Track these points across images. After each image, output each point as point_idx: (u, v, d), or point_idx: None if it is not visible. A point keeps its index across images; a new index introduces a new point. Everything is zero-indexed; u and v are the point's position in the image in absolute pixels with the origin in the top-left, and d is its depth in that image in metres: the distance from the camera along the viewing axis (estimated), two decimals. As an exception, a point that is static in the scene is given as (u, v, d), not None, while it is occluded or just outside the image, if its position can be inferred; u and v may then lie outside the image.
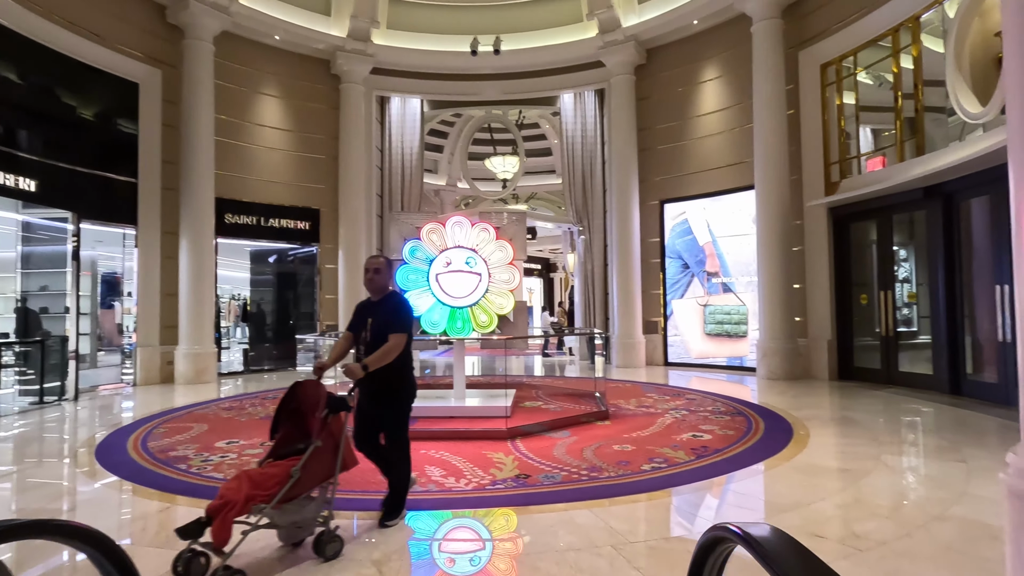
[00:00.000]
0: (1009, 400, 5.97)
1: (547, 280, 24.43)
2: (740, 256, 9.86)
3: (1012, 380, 5.97)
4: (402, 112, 12.53)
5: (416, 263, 6.21)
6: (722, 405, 6.35)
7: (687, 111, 10.62)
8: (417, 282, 6.19)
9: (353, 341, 3.29)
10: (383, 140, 12.52)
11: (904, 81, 7.46)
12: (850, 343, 8.39)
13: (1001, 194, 6.20)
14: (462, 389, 6.37)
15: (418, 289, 6.18)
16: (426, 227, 6.30)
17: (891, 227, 7.80)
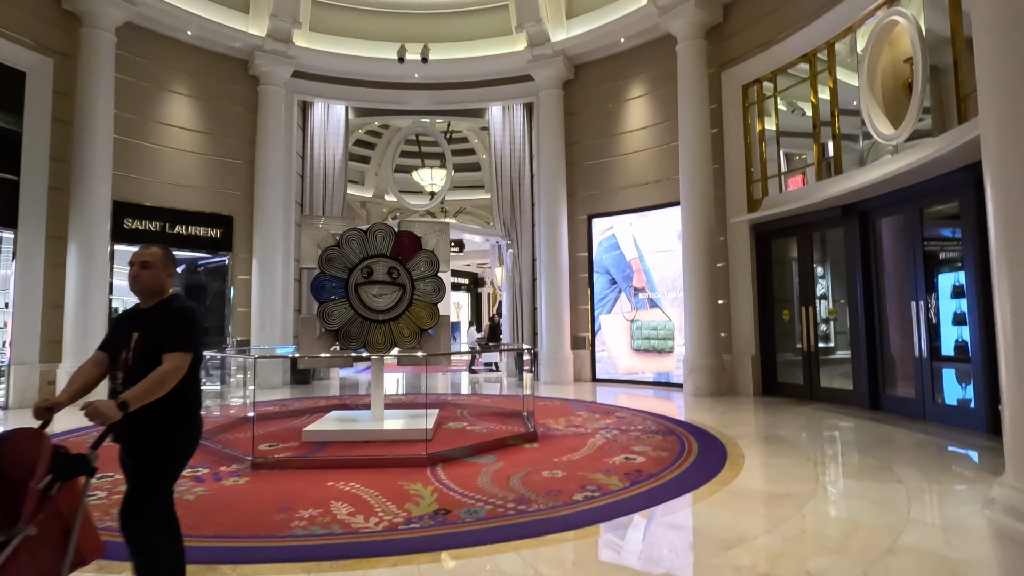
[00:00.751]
0: (925, 415, 6.17)
1: (475, 294, 24.03)
2: (666, 272, 9.92)
3: (928, 395, 6.19)
4: (325, 118, 11.84)
5: (335, 272, 5.64)
6: (653, 424, 6.17)
7: (615, 127, 10.67)
8: (336, 293, 5.62)
9: (107, 366, 2.21)
10: (305, 146, 11.76)
11: (821, 102, 7.75)
12: (773, 359, 8.56)
13: (912, 212, 6.49)
14: (380, 410, 5.83)
15: (336, 301, 5.61)
16: (346, 234, 5.76)
17: (811, 244, 8.05)
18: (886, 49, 6.72)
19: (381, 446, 4.97)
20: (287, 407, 7.74)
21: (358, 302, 5.69)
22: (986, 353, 5.44)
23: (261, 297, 10.44)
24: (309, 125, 11.77)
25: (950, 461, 4.52)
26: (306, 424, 5.94)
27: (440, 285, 6.05)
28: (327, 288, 5.62)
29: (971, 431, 5.50)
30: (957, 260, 6.35)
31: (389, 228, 5.97)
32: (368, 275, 5.77)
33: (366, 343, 5.69)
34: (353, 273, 5.71)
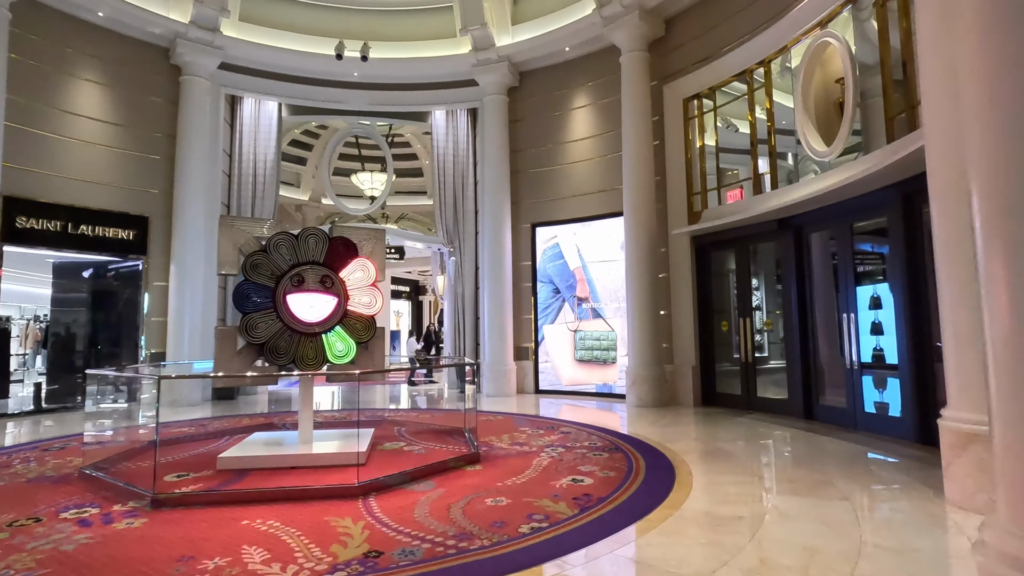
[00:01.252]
0: (856, 424, 6.34)
1: (416, 303, 23.46)
2: (609, 282, 9.90)
3: (859, 405, 6.36)
4: (256, 115, 11.12)
5: (260, 280, 5.14)
6: (598, 439, 6.01)
7: (560, 136, 10.60)
8: (261, 303, 5.12)
9: None
10: (233, 144, 11.00)
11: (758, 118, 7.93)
12: (712, 369, 8.65)
13: (843, 227, 6.68)
14: (309, 431, 5.35)
15: (261, 312, 5.11)
16: (274, 238, 5.27)
17: (748, 256, 8.21)
18: (819, 69, 6.94)
19: (308, 474, 4.52)
20: (204, 428, 7.06)
21: (287, 313, 5.22)
22: (914, 364, 5.63)
23: (179, 306, 9.60)
24: (238, 121, 11.03)
25: (887, 474, 4.58)
26: (224, 448, 5.39)
27: (377, 295, 5.67)
28: (251, 297, 5.11)
29: (900, 440, 5.67)
30: (877, 273, 6.61)
31: (322, 233, 5.54)
32: (299, 283, 5.31)
33: (296, 358, 5.22)
34: (282, 281, 5.24)
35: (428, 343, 15.03)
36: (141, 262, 9.62)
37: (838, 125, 6.54)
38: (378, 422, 7.18)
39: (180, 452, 5.53)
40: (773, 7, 7.50)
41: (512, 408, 8.68)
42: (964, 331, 3.86)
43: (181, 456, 5.34)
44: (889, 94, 5.89)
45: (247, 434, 6.17)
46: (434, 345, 15.09)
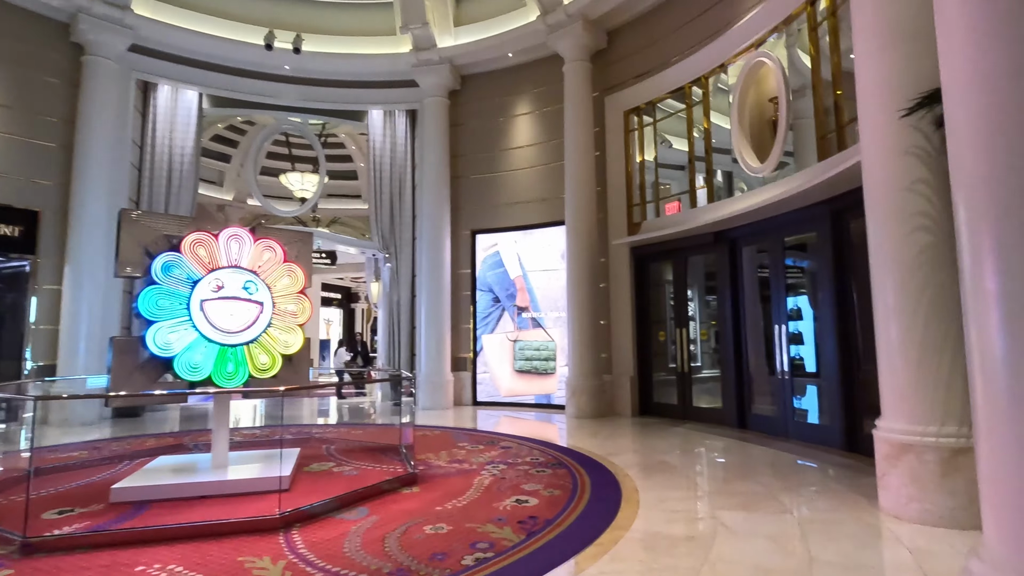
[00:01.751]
0: (787, 433, 6.50)
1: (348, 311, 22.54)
2: (549, 291, 9.80)
3: (789, 414, 6.51)
4: (173, 104, 10.22)
5: (172, 284, 4.56)
6: (540, 454, 5.81)
7: (502, 142, 10.43)
8: (172, 310, 4.54)
9: None
10: (145, 134, 10.04)
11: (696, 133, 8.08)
12: (650, 379, 8.70)
13: (776, 241, 6.88)
14: (224, 454, 4.81)
15: (172, 320, 4.53)
16: (190, 237, 4.71)
17: (685, 268, 8.33)
18: (754, 88, 7.15)
19: (221, 504, 4.01)
20: (99, 452, 6.25)
21: (204, 322, 4.67)
22: (842, 374, 5.82)
23: (73, 312, 8.58)
24: (151, 110, 10.09)
25: (822, 484, 4.65)
26: (121, 476, 4.74)
27: (305, 303, 5.22)
28: (160, 304, 4.53)
29: (828, 448, 5.84)
30: (805, 286, 6.86)
31: (246, 234, 5.03)
32: (218, 289, 4.77)
33: (213, 373, 4.67)
34: (199, 286, 4.69)
35: (357, 353, 14.26)
36: (28, 262, 8.53)
37: (771, 142, 6.74)
38: (304, 440, 6.65)
39: (66, 482, 4.81)
40: (711, 26, 7.69)
41: (450, 422, 8.35)
42: (897, 343, 3.95)
43: (67, 487, 4.63)
44: (820, 114, 6.11)
45: (152, 458, 5.50)
46: (363, 356, 14.32)
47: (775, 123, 6.74)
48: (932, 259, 3.84)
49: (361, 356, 13.94)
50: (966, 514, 3.58)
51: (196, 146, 10.35)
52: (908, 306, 3.90)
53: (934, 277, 3.83)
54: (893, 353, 3.99)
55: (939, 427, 3.75)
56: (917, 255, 3.89)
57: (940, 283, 3.83)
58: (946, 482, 3.66)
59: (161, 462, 5.03)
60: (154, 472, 4.63)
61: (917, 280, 3.88)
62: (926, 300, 3.85)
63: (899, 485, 3.83)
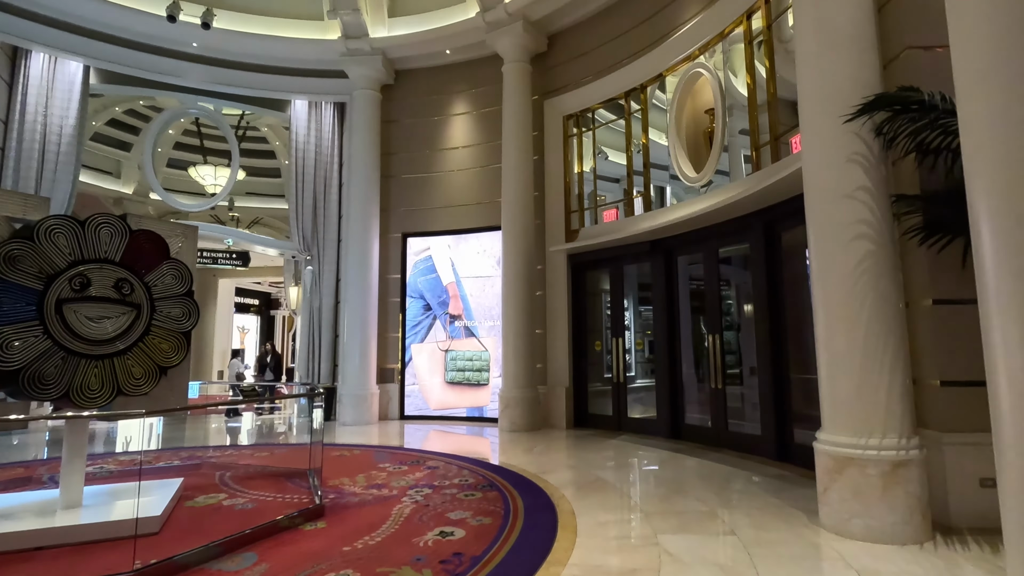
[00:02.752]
0: (720, 442, 6.37)
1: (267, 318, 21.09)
2: (484, 299, 9.36)
3: (721, 425, 6.38)
4: (50, 76, 8.97)
5: (20, 278, 3.72)
6: (470, 474, 5.32)
7: (437, 142, 9.94)
8: (16, 311, 3.70)
9: None
10: (10, 108, 8.72)
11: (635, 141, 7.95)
12: (585, 390, 8.43)
13: (709, 251, 6.78)
14: (78, 490, 3.97)
15: (18, 323, 3.68)
16: (47, 223, 3.89)
17: (622, 276, 8.14)
18: (690, 99, 7.09)
19: (67, 555, 3.24)
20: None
21: (60, 327, 3.85)
22: (774, 384, 5.73)
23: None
24: (20, 80, 8.79)
25: (761, 498, 4.46)
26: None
27: (192, 308, 4.50)
28: (2, 304, 3.68)
29: (761, 458, 5.74)
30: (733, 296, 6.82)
31: (120, 223, 4.25)
32: (82, 287, 3.97)
33: (72, 390, 3.84)
34: (56, 283, 3.87)
35: (265, 367, 12.76)
36: None
37: (708, 153, 6.67)
38: (195, 467, 5.80)
39: None
40: (650, 36, 7.59)
41: (373, 439, 7.68)
42: (838, 353, 3.81)
43: None
44: (755, 125, 6.07)
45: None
46: (273, 369, 12.91)
47: (711, 134, 6.67)
48: (873, 267, 3.74)
49: (271, 370, 12.63)
50: (907, 528, 3.48)
51: (79, 126, 9.12)
52: (849, 315, 3.77)
53: (876, 285, 3.73)
54: (834, 363, 3.85)
55: (880, 439, 3.63)
56: (858, 263, 3.78)
57: (881, 292, 3.73)
58: (887, 496, 3.54)
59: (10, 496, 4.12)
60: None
61: (859, 288, 3.76)
62: (867, 309, 3.73)
63: (840, 500, 3.67)
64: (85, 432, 4.09)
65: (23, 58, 8.80)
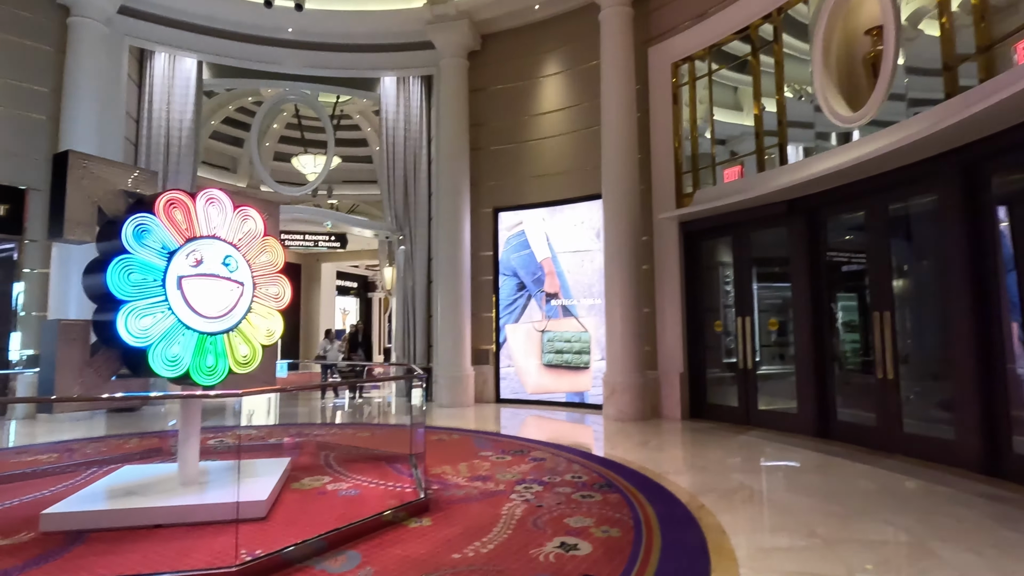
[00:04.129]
0: (891, 446, 5.25)
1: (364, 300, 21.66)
2: (582, 275, 8.65)
3: (894, 423, 5.27)
4: (170, 74, 9.35)
5: (146, 254, 3.55)
6: (582, 469, 4.70)
7: (527, 107, 9.28)
8: (145, 288, 3.51)
9: None
10: (141, 107, 9.19)
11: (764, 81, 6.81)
12: (703, 377, 7.51)
13: (875, 208, 5.60)
14: (193, 466, 3.84)
15: (145, 301, 3.50)
16: (165, 197, 3.70)
17: (749, 245, 7.08)
18: (843, 19, 5.84)
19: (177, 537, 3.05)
20: (71, 455, 5.35)
21: (183, 304, 3.67)
22: (979, 376, 4.51)
23: (62, 296, 7.77)
24: (147, 80, 9.22)
25: (988, 529, 3.38)
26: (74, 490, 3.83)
27: (285, 286, 4.26)
28: (132, 280, 3.50)
29: (959, 469, 4.53)
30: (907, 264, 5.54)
31: (226, 198, 4.03)
32: (197, 263, 3.78)
33: (192, 368, 3.69)
34: (176, 258, 3.68)
35: (354, 346, 12.16)
36: (14, 244, 7.72)
37: (867, 86, 5.47)
38: (302, 445, 5.66)
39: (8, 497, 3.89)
40: (781, -46, 6.41)
41: (470, 422, 7.29)
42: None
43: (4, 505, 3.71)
44: (949, 38, 4.80)
45: (125, 464, 4.61)
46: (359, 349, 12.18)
47: (874, 61, 5.45)
48: None
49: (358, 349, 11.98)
50: None
51: (195, 119, 9.44)
52: None
53: None
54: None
55: None
56: None
57: None
58: None
59: (121, 475, 4.07)
60: (103, 490, 3.67)
61: None
62: None
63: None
64: (199, 411, 3.94)
65: (148, 59, 9.21)
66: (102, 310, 3.56)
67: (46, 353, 3.41)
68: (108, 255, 3.52)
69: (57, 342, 3.40)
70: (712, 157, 7.44)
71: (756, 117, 6.84)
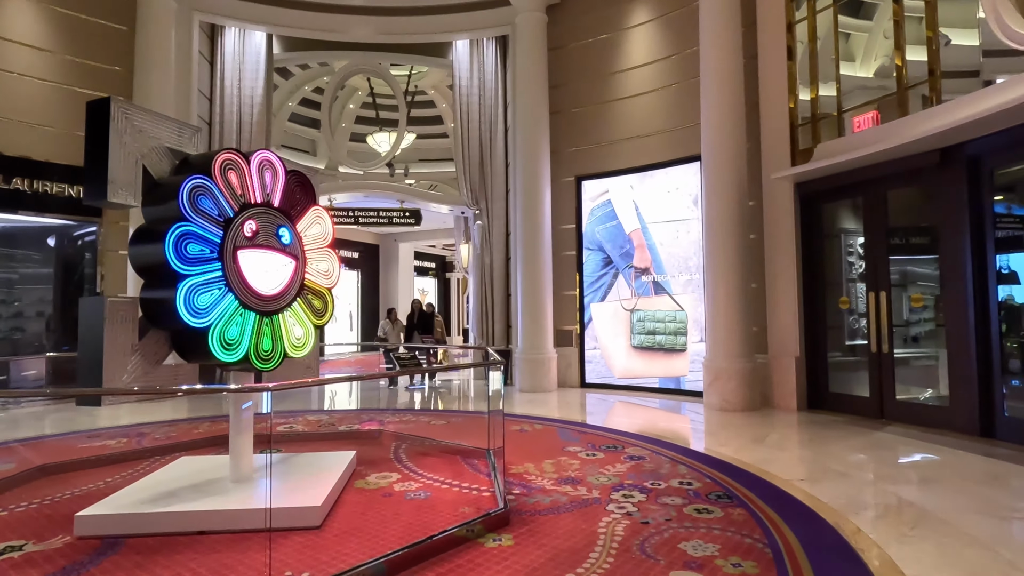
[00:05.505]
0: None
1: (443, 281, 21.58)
2: (677, 248, 7.74)
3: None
4: (240, 49, 9.26)
5: (204, 222, 3.17)
6: (689, 472, 3.96)
7: (612, 63, 8.38)
8: (204, 261, 3.16)
9: None
10: (213, 85, 9.19)
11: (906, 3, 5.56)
12: (823, 362, 6.44)
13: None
14: (247, 464, 3.48)
15: (203, 276, 3.14)
16: (220, 158, 3.32)
17: (885, 206, 5.89)
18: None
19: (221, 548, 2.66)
20: (140, 440, 5.27)
21: (239, 280, 3.30)
22: None
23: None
24: (218, 57, 9.19)
25: None
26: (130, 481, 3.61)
27: (335, 262, 3.82)
28: (191, 251, 3.15)
29: None
30: None
31: (278, 161, 3.60)
32: (253, 235, 3.39)
33: (251, 352, 3.32)
34: (232, 228, 3.30)
35: (412, 328, 10.36)
36: (96, 226, 7.91)
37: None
38: (372, 435, 5.29)
39: (64, 488, 3.73)
40: None
41: (553, 410, 6.69)
42: None
43: (52, 499, 3.52)
44: None
45: (187, 453, 4.40)
46: (421, 330, 10.39)
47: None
48: None
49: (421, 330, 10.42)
50: None
51: (266, 95, 9.33)
52: None
53: None
54: None
55: None
56: None
57: None
58: None
59: (175, 468, 3.81)
60: (148, 487, 3.37)
61: None
62: None
63: None
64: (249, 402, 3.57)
65: (219, 35, 9.19)
66: (151, 286, 3.23)
67: (88, 334, 3.11)
68: (159, 223, 3.16)
69: (105, 323, 3.10)
70: (837, 103, 6.24)
71: (896, 47, 5.58)
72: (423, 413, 7.00)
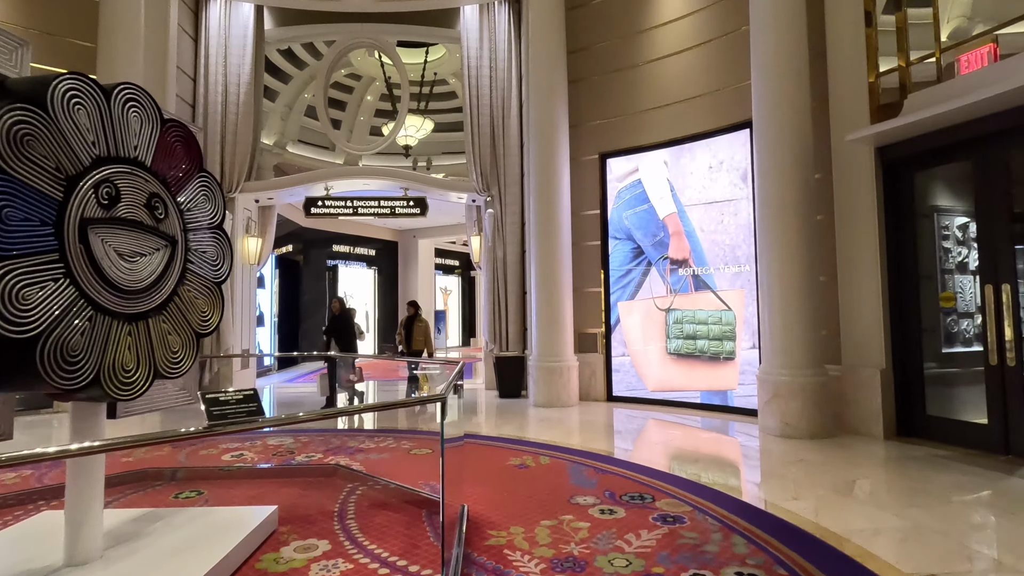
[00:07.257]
0: None
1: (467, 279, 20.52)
2: (722, 235, 6.41)
3: None
4: (226, 24, 8.40)
5: (33, 176, 1.98)
6: (747, 548, 2.71)
7: (640, 19, 7.10)
8: (32, 237, 2.01)
9: None
10: (197, 63, 8.35)
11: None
12: (917, 375, 5.02)
13: None
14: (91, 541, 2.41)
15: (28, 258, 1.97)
16: (63, 84, 2.16)
17: (1007, 172, 4.44)
18: None
19: None
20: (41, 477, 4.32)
21: (87, 265, 2.18)
22: None
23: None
24: (203, 33, 8.34)
25: None
26: None
27: (227, 248, 2.70)
28: (7, 219, 2.05)
29: None
30: None
31: (150, 102, 2.49)
32: (110, 201, 2.27)
33: (104, 371, 2.21)
34: (79, 190, 2.18)
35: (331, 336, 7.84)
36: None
37: None
38: (327, 472, 4.17)
39: None
40: None
41: (571, 435, 5.45)
42: None
43: None
44: None
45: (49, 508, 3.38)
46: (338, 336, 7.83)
47: None
48: None
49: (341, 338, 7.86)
50: None
51: (253, 75, 8.42)
52: None
53: None
54: None
55: None
56: None
57: None
58: None
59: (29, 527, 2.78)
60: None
61: None
62: None
63: None
64: (102, 459, 2.49)
65: (203, 9, 8.34)
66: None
67: None
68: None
69: None
70: (936, 37, 4.79)
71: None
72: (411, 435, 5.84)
